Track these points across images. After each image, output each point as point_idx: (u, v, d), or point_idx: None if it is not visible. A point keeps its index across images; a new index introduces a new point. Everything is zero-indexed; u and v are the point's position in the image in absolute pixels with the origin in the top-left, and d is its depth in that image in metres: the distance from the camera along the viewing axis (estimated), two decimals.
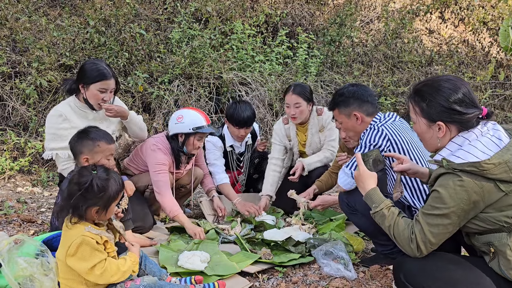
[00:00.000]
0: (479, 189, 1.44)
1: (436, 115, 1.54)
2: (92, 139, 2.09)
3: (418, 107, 1.59)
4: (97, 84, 2.48)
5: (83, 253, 1.54)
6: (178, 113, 2.78)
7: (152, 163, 2.71)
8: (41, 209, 3.26)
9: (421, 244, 1.54)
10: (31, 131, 4.47)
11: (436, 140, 1.58)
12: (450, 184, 1.47)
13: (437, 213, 1.50)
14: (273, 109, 5.32)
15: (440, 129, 1.55)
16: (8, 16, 4.91)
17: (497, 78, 6.85)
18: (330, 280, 2.04)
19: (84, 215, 1.59)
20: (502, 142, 1.48)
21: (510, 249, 1.46)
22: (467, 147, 1.49)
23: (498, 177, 1.43)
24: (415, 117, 1.62)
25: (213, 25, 5.72)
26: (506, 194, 1.45)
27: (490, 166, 1.42)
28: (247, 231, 2.66)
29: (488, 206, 1.47)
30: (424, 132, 1.61)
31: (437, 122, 1.54)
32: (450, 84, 1.54)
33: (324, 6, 7.18)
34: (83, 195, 1.56)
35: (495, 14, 7.78)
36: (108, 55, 4.90)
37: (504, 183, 1.44)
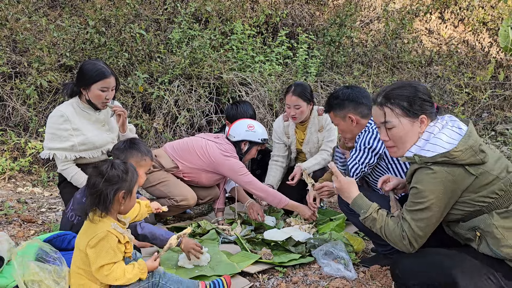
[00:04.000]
0: (452, 177, 1.54)
1: (419, 110, 1.64)
2: (141, 152, 2.17)
3: (399, 108, 1.65)
4: (98, 83, 2.47)
5: (101, 248, 1.58)
6: (247, 122, 2.90)
7: (235, 168, 2.75)
8: (41, 209, 3.27)
9: (412, 240, 1.62)
10: (31, 131, 4.48)
11: (417, 136, 1.65)
12: (425, 178, 1.57)
13: (420, 208, 1.58)
14: (273, 109, 5.32)
15: (422, 122, 1.64)
16: (8, 16, 4.91)
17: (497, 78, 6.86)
18: (330, 280, 2.05)
19: (111, 205, 1.63)
20: (462, 130, 1.60)
21: (496, 228, 1.54)
22: (433, 140, 1.59)
23: (467, 162, 1.54)
24: (396, 120, 1.66)
25: (213, 26, 5.72)
26: (476, 177, 1.55)
27: (458, 153, 1.53)
28: (247, 232, 2.66)
29: (464, 191, 1.56)
30: (408, 131, 1.65)
31: (420, 116, 1.64)
32: (414, 83, 1.71)
33: (324, 7, 7.18)
34: (107, 180, 1.62)
35: (495, 14, 7.78)
36: (108, 56, 4.90)
37: (472, 166, 1.55)
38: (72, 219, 2.13)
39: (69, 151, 2.50)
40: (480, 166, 1.56)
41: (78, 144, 2.50)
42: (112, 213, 1.67)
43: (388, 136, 1.69)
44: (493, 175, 1.56)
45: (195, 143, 2.85)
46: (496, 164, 1.59)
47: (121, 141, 2.30)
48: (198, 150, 2.80)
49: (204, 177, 2.83)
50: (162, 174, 2.79)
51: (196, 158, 2.79)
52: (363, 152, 2.19)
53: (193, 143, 2.85)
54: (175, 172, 2.85)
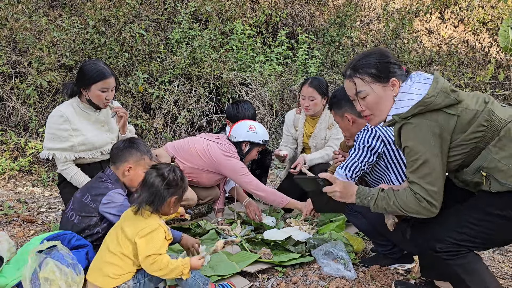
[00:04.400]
0: (435, 123, 1.54)
1: (388, 73, 1.66)
2: (140, 151, 2.19)
3: (368, 76, 1.67)
4: (98, 84, 2.47)
5: (152, 239, 1.68)
6: (248, 123, 2.90)
7: (236, 169, 2.75)
8: (41, 209, 3.27)
9: (429, 199, 1.57)
10: (31, 131, 4.48)
11: (392, 100, 1.67)
12: (410, 134, 1.57)
13: (419, 164, 1.56)
14: (273, 109, 5.32)
15: (394, 85, 1.66)
16: (8, 16, 4.91)
17: (497, 78, 6.86)
18: (330, 280, 2.05)
19: (162, 206, 1.75)
20: (429, 79, 1.62)
21: (499, 160, 1.53)
22: (406, 96, 1.62)
23: (443, 105, 1.55)
24: (368, 88, 1.67)
25: (213, 26, 5.72)
26: (458, 116, 1.56)
27: (431, 98, 1.55)
28: (247, 232, 2.66)
29: (453, 133, 1.56)
30: (382, 96, 1.67)
31: (390, 80, 1.65)
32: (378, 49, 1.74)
33: (324, 7, 7.18)
34: (167, 184, 1.74)
35: (495, 14, 7.78)
36: (108, 56, 4.90)
37: (450, 108, 1.56)
38: (72, 219, 2.13)
39: (68, 151, 2.50)
40: (457, 105, 1.57)
41: (77, 145, 2.50)
42: (158, 213, 1.77)
43: (364, 105, 1.71)
44: (473, 109, 1.56)
45: (196, 143, 2.85)
46: (472, 100, 1.60)
47: (120, 140, 2.30)
48: (199, 151, 2.80)
49: (205, 177, 2.83)
50: None
51: (197, 158, 2.80)
52: (362, 150, 2.20)
53: (194, 144, 2.85)
54: None
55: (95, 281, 1.74)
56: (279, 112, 5.32)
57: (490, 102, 1.60)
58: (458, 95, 1.57)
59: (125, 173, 2.15)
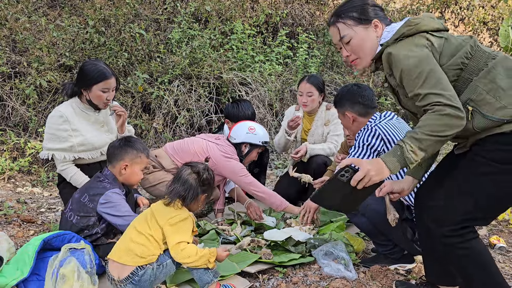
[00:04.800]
0: (425, 40, 1.54)
1: (370, 15, 1.68)
2: (136, 149, 2.19)
3: (350, 19, 1.68)
4: (99, 84, 2.47)
5: (180, 227, 1.74)
6: (248, 124, 2.90)
7: (235, 170, 2.75)
8: (40, 209, 3.26)
9: (450, 101, 1.45)
10: (31, 131, 4.47)
11: (376, 40, 1.67)
12: (401, 54, 1.54)
13: (425, 75, 1.49)
14: (273, 109, 5.32)
15: (376, 26, 1.67)
16: (8, 16, 4.90)
17: None
18: (331, 280, 2.04)
19: (193, 202, 1.82)
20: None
21: (487, 93, 1.49)
22: (390, 30, 1.64)
23: (430, 27, 1.56)
24: (351, 31, 1.67)
25: (213, 25, 5.72)
26: (446, 39, 1.56)
27: (418, 19, 1.58)
28: (247, 232, 2.66)
29: (441, 55, 1.55)
30: (364, 37, 1.67)
31: (373, 21, 1.67)
32: None
33: (324, 6, 7.18)
34: (202, 181, 1.82)
35: (495, 14, 7.78)
36: (108, 55, 4.89)
37: (437, 32, 1.57)
38: (71, 219, 2.13)
39: (68, 152, 2.49)
40: (443, 32, 1.58)
41: (77, 145, 2.50)
42: (187, 207, 1.83)
43: (349, 50, 1.71)
44: (459, 39, 1.58)
45: (195, 144, 2.84)
46: (456, 37, 1.61)
47: (117, 139, 2.29)
48: (198, 151, 2.79)
49: None
50: (162, 174, 2.79)
51: (196, 159, 2.78)
52: (362, 149, 2.21)
53: (194, 144, 2.84)
54: (175, 172, 2.84)
55: (119, 259, 1.74)
56: (279, 112, 5.31)
57: (474, 38, 1.61)
58: (443, 23, 1.60)
59: (122, 172, 2.15)
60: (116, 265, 1.74)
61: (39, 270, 1.87)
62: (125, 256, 1.74)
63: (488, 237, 2.66)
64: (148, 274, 1.72)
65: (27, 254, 1.87)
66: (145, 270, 1.72)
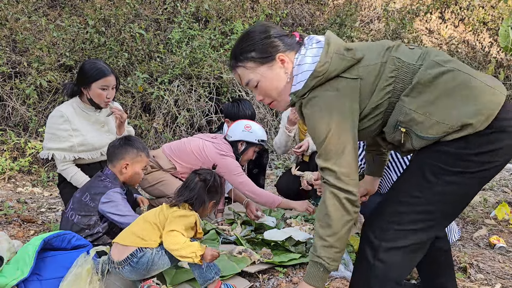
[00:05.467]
0: (336, 92, 1.34)
1: (270, 51, 1.43)
2: (137, 148, 2.19)
3: (249, 61, 1.44)
4: (98, 82, 2.47)
5: (182, 221, 1.75)
6: (245, 122, 2.89)
7: (230, 167, 2.74)
8: (41, 209, 3.26)
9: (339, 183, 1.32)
10: (31, 131, 4.47)
11: (286, 77, 1.44)
12: (310, 111, 1.37)
13: (325, 144, 1.34)
14: (273, 109, 5.32)
15: (282, 61, 1.43)
16: (8, 16, 4.90)
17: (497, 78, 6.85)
18: (331, 280, 2.04)
19: (201, 209, 1.84)
20: (321, 42, 1.41)
21: (415, 111, 1.31)
22: (301, 69, 1.39)
23: (341, 69, 1.35)
24: (255, 75, 1.44)
25: (213, 25, 5.72)
26: (361, 79, 1.35)
27: (325, 66, 1.34)
28: (247, 232, 2.66)
29: (360, 99, 1.36)
30: (272, 78, 1.44)
31: (276, 56, 1.43)
32: (252, 28, 1.49)
33: (324, 6, 7.18)
34: (209, 189, 1.82)
35: (495, 14, 7.78)
36: (108, 55, 4.89)
37: (350, 70, 1.36)
38: (72, 218, 2.13)
39: (68, 152, 2.49)
40: (356, 65, 1.36)
41: (77, 145, 2.50)
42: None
43: (260, 94, 1.49)
44: (376, 63, 1.36)
45: (192, 143, 2.85)
46: (374, 52, 1.39)
47: (117, 138, 2.30)
48: (195, 150, 2.80)
49: None
50: (161, 174, 2.80)
51: (193, 158, 2.80)
52: (361, 149, 2.20)
53: (190, 143, 2.86)
54: (172, 172, 2.85)
55: (123, 240, 1.77)
56: (279, 112, 5.31)
57: (394, 49, 1.40)
58: (354, 53, 1.37)
59: (123, 171, 2.15)
60: (119, 247, 1.77)
61: (40, 270, 1.87)
62: (128, 238, 1.77)
63: (488, 237, 2.66)
64: (147, 257, 1.72)
65: (27, 254, 1.87)
66: (144, 252, 1.73)
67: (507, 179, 4.34)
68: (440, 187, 1.31)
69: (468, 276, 2.15)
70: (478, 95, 1.29)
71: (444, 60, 1.34)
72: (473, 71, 1.36)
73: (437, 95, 1.31)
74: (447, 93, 1.30)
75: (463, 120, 1.27)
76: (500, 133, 1.29)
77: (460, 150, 1.29)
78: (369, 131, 1.43)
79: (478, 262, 2.28)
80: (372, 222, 1.43)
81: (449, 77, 1.31)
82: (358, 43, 1.48)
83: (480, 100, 1.29)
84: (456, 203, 1.36)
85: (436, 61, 1.34)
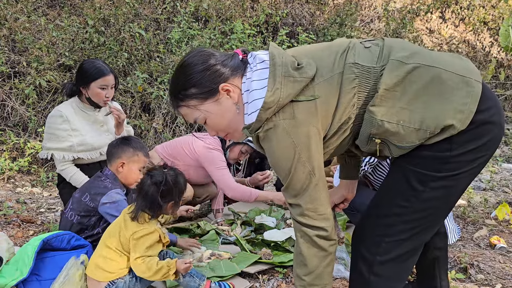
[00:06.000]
0: (292, 120, 1.19)
1: (211, 83, 1.25)
2: (133, 147, 2.17)
3: (191, 99, 1.28)
4: (97, 81, 2.47)
5: (143, 242, 1.70)
6: None
7: (214, 160, 2.75)
8: (40, 209, 3.25)
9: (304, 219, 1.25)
10: (31, 131, 4.46)
11: (235, 108, 1.28)
12: (267, 145, 1.24)
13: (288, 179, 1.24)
14: None
15: (227, 91, 1.27)
16: (7, 16, 4.89)
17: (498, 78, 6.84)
18: None
19: (161, 212, 1.78)
20: (265, 61, 1.25)
21: (388, 122, 1.18)
22: (251, 96, 1.24)
23: (295, 92, 1.19)
24: (201, 112, 1.29)
25: (213, 25, 5.71)
26: (316, 98, 1.19)
27: (276, 95, 1.18)
28: (247, 233, 2.65)
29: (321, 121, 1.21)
30: (222, 112, 1.29)
31: (219, 87, 1.26)
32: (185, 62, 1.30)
33: (325, 6, 7.17)
34: (162, 192, 1.73)
35: (496, 14, 7.77)
36: (108, 55, 4.88)
37: (304, 92, 1.20)
38: (71, 219, 2.12)
39: (67, 152, 2.49)
40: (311, 83, 1.21)
41: (76, 145, 2.50)
42: (157, 217, 1.80)
43: (212, 129, 1.37)
44: (331, 76, 1.21)
45: (183, 140, 2.92)
46: (325, 61, 1.24)
47: (116, 138, 2.30)
48: (184, 146, 2.85)
49: (193, 173, 2.83)
50: None
51: (183, 154, 2.84)
52: None
53: (181, 140, 2.92)
54: None
55: (94, 275, 1.76)
56: None
57: (348, 52, 1.24)
58: (306, 72, 1.20)
59: (119, 170, 2.14)
60: (92, 282, 1.76)
61: (39, 270, 1.87)
62: (96, 272, 1.75)
63: (489, 238, 2.66)
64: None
65: (26, 255, 1.86)
66: (116, 284, 1.72)
67: (507, 179, 4.33)
68: (428, 194, 1.21)
69: (469, 276, 2.14)
70: (453, 90, 1.17)
71: (406, 56, 1.20)
72: (440, 59, 1.22)
73: (408, 99, 1.17)
74: (418, 94, 1.17)
75: (443, 122, 1.15)
76: (485, 125, 1.18)
77: (444, 153, 1.19)
78: (341, 146, 1.30)
79: (478, 262, 2.27)
80: (362, 236, 1.35)
81: (416, 76, 1.18)
82: (307, 49, 1.31)
83: (456, 96, 1.17)
84: (447, 203, 1.28)
85: (398, 59, 1.19)
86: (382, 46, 1.25)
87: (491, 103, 1.20)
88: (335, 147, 1.29)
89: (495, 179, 4.30)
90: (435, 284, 1.74)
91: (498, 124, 1.20)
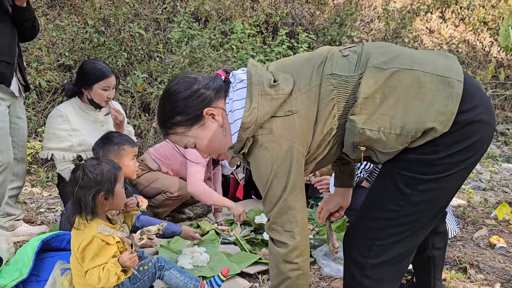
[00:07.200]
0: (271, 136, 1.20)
1: (195, 110, 1.29)
2: (117, 144, 2.14)
3: (178, 126, 1.32)
4: (100, 83, 2.48)
5: (86, 255, 1.55)
6: None
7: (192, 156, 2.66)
8: (40, 209, 3.25)
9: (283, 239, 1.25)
10: (30, 131, 4.46)
11: (221, 130, 1.32)
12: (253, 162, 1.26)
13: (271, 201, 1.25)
14: None
15: (212, 115, 1.30)
16: None
17: (498, 78, 6.84)
18: (330, 281, 2.03)
19: (95, 208, 1.57)
20: (244, 81, 1.27)
21: (369, 129, 1.18)
22: (233, 116, 1.26)
23: (272, 112, 1.20)
24: (189, 138, 1.33)
25: (212, 25, 5.71)
26: (295, 113, 1.20)
27: (253, 114, 1.19)
28: (247, 233, 2.66)
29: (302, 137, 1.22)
30: (209, 136, 1.32)
31: (203, 112, 1.29)
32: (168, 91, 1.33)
33: (324, 6, 7.16)
34: (82, 186, 1.55)
35: (496, 14, 7.77)
36: (107, 55, 4.88)
37: (282, 107, 1.21)
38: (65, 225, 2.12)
39: (67, 151, 2.49)
40: (288, 98, 1.21)
41: (76, 145, 2.50)
42: (100, 215, 1.61)
43: (202, 152, 1.40)
44: (309, 89, 1.21)
45: None
46: (303, 74, 1.24)
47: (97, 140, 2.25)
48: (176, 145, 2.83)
49: (185, 171, 2.83)
50: (151, 174, 2.88)
51: (175, 154, 2.86)
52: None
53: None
54: (161, 171, 2.95)
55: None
56: None
57: (326, 63, 1.23)
58: (283, 88, 1.21)
59: None
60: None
61: (38, 271, 1.87)
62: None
63: (488, 237, 2.66)
64: None
65: (26, 255, 1.86)
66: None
67: (507, 179, 4.33)
68: (417, 197, 1.21)
69: (468, 276, 2.15)
70: (432, 92, 1.15)
71: (384, 61, 1.19)
72: (421, 60, 1.20)
73: (388, 105, 1.16)
74: (398, 100, 1.16)
75: (423, 126, 1.14)
76: (471, 125, 1.16)
77: (430, 155, 1.17)
78: (328, 156, 1.30)
79: (478, 262, 2.28)
80: (354, 240, 1.35)
81: (395, 81, 1.16)
82: (287, 62, 1.32)
83: (436, 98, 1.15)
84: (438, 205, 1.26)
85: (376, 65, 1.18)
86: (360, 53, 1.24)
87: (477, 102, 1.18)
88: (322, 158, 1.30)
89: (495, 179, 4.30)
90: (429, 284, 1.74)
91: (486, 123, 1.18)
